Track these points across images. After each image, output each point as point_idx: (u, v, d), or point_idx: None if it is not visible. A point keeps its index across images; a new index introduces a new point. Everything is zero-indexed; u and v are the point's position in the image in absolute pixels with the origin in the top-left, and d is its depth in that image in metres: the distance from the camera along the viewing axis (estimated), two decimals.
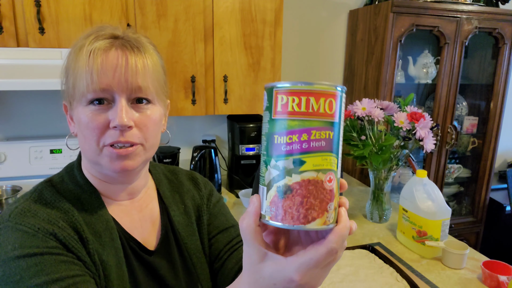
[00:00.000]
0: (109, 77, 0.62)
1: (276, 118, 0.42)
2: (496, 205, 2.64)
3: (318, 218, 0.41)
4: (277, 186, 0.42)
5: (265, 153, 0.43)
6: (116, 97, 0.64)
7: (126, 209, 0.74)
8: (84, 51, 0.63)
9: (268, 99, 0.43)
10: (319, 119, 0.41)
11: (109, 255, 0.66)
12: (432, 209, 1.36)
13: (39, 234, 0.59)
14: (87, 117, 0.63)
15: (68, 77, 0.66)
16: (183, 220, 0.80)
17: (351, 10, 2.35)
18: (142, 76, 0.65)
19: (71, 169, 0.73)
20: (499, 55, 2.34)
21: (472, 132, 2.54)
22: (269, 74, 1.88)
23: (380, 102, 1.62)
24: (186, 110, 1.81)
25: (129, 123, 0.63)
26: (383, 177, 1.64)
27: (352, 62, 2.37)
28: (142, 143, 0.67)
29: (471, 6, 2.15)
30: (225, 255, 0.80)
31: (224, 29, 1.77)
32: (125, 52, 0.64)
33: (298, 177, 0.41)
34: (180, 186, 0.85)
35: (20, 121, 1.94)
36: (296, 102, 0.41)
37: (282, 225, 0.41)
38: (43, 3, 1.50)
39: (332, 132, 0.41)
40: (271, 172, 0.42)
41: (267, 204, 0.43)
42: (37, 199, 0.65)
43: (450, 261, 1.32)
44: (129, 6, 1.63)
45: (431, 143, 1.50)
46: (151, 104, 0.68)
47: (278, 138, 0.42)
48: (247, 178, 2.08)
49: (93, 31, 0.66)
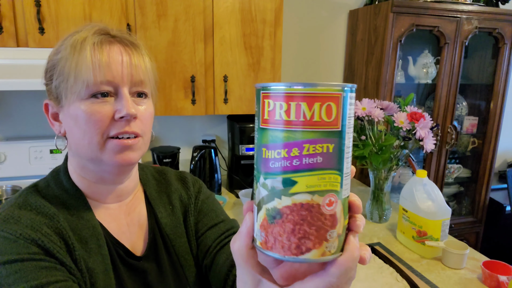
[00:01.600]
0: (116, 70, 0.63)
1: (263, 127, 0.35)
2: (496, 205, 2.64)
3: (314, 249, 0.34)
4: (266, 208, 0.35)
5: (256, 167, 0.37)
6: (120, 90, 0.64)
7: (114, 213, 0.73)
8: (88, 44, 0.63)
9: (256, 102, 0.36)
10: (314, 129, 0.33)
11: (96, 262, 0.65)
12: (432, 209, 1.36)
13: (20, 240, 0.58)
14: (88, 110, 0.62)
15: (63, 72, 0.64)
16: (170, 222, 0.78)
17: (351, 10, 2.35)
18: (144, 71, 0.67)
19: (57, 174, 0.72)
20: (499, 55, 2.34)
21: (472, 132, 2.54)
22: (269, 74, 1.88)
23: (380, 102, 1.62)
24: (186, 110, 1.81)
25: (136, 112, 0.64)
26: (383, 177, 1.64)
27: (352, 62, 2.37)
28: (143, 135, 0.68)
29: (471, 6, 2.15)
30: (214, 250, 0.78)
31: (224, 29, 1.77)
32: (126, 49, 0.65)
33: (288, 200, 0.34)
34: (168, 186, 0.83)
35: (20, 121, 1.94)
36: (284, 108, 0.33)
37: (272, 254, 0.35)
38: (43, 3, 1.50)
39: (332, 145, 0.34)
40: (260, 191, 0.36)
41: (257, 227, 0.37)
42: (22, 205, 0.64)
43: (450, 261, 1.32)
44: (129, 6, 1.63)
45: (431, 143, 1.50)
46: (148, 99, 0.70)
47: (266, 152, 0.35)
48: (247, 178, 2.08)
49: (87, 27, 0.66)
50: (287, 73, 2.33)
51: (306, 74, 2.38)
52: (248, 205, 0.40)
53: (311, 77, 2.40)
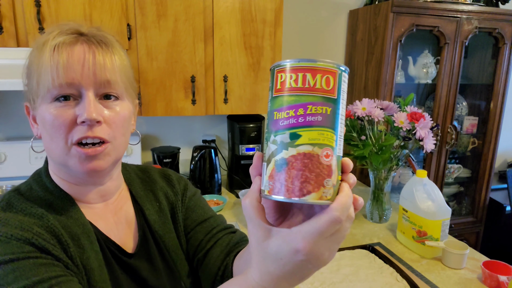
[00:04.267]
0: (76, 71, 0.60)
1: (276, 95, 0.43)
2: (496, 205, 2.64)
3: (313, 192, 0.41)
4: (275, 160, 0.42)
5: (267, 130, 0.44)
6: (83, 92, 0.61)
7: (100, 213, 0.72)
8: (48, 46, 0.61)
9: (271, 79, 0.45)
10: (315, 94, 0.41)
11: (90, 258, 0.64)
12: (432, 209, 1.36)
13: (12, 241, 0.57)
14: (52, 114, 0.61)
15: (31, 75, 0.63)
16: (159, 219, 0.79)
17: (351, 10, 2.35)
18: (111, 71, 0.63)
19: (39, 176, 0.70)
20: (499, 55, 2.34)
21: (472, 132, 2.54)
22: (269, 74, 1.87)
23: (380, 102, 1.62)
24: (186, 110, 1.81)
25: (97, 117, 0.61)
26: (383, 177, 1.64)
27: (352, 62, 2.37)
28: (111, 141, 0.64)
29: (471, 6, 2.15)
30: (207, 245, 0.79)
31: (224, 29, 1.77)
32: (91, 47, 0.62)
33: (294, 150, 0.41)
34: (152, 184, 0.83)
35: (20, 121, 1.94)
36: (293, 78, 0.42)
37: (278, 198, 0.42)
38: (43, 3, 1.50)
39: (329, 108, 0.42)
40: (270, 147, 0.43)
41: (266, 178, 0.43)
42: (6, 208, 0.62)
43: (450, 261, 1.32)
44: (129, 6, 1.63)
45: (431, 143, 1.50)
46: (120, 100, 0.66)
47: (277, 114, 0.43)
48: (247, 178, 2.08)
49: (56, 27, 0.64)
50: None
51: None
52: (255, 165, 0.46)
53: None
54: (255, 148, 2.05)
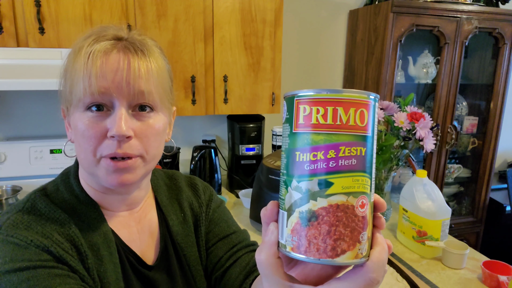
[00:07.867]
0: (108, 81, 0.57)
1: (297, 131, 0.36)
2: (496, 205, 2.64)
3: (349, 250, 0.35)
4: (300, 211, 0.36)
5: (285, 172, 0.38)
6: (116, 104, 0.58)
7: (124, 221, 0.70)
8: (82, 53, 0.59)
9: (288, 109, 0.38)
10: (349, 133, 0.35)
11: (107, 271, 0.63)
12: (432, 209, 1.36)
13: (31, 247, 0.56)
14: (83, 124, 0.59)
15: (66, 80, 0.62)
16: (182, 230, 0.76)
17: (351, 10, 2.35)
18: (146, 81, 0.60)
19: (67, 177, 0.69)
20: (499, 55, 2.34)
21: (472, 132, 2.54)
22: (269, 74, 1.88)
23: (380, 102, 1.62)
24: (186, 110, 1.81)
25: (128, 132, 0.58)
26: (383, 177, 1.64)
27: (352, 62, 2.37)
28: (142, 155, 0.61)
29: (471, 6, 2.15)
30: (227, 263, 0.75)
31: (224, 29, 1.77)
32: (127, 55, 0.59)
33: (324, 201, 0.35)
34: (179, 192, 0.80)
35: (20, 121, 1.94)
36: (321, 113, 0.35)
37: (306, 258, 0.35)
38: (43, 3, 1.50)
39: (364, 148, 0.36)
40: (293, 195, 0.36)
41: (287, 232, 0.37)
42: (31, 210, 0.61)
43: (450, 261, 1.32)
44: (129, 6, 1.63)
45: (431, 143, 1.50)
46: (154, 112, 0.63)
47: (300, 155, 0.36)
48: (247, 178, 2.08)
49: (94, 32, 0.62)
50: (287, 73, 2.33)
51: (306, 74, 2.39)
52: (269, 213, 0.40)
53: (311, 77, 2.40)
54: (255, 148, 2.05)
